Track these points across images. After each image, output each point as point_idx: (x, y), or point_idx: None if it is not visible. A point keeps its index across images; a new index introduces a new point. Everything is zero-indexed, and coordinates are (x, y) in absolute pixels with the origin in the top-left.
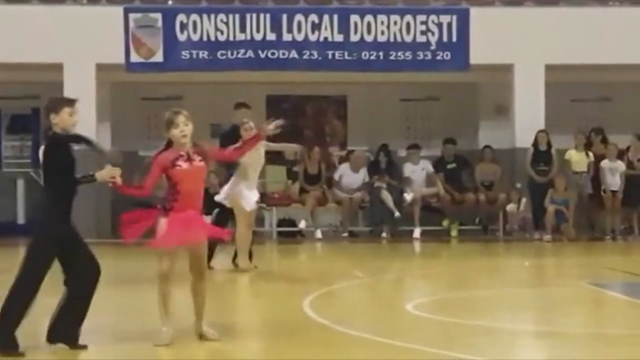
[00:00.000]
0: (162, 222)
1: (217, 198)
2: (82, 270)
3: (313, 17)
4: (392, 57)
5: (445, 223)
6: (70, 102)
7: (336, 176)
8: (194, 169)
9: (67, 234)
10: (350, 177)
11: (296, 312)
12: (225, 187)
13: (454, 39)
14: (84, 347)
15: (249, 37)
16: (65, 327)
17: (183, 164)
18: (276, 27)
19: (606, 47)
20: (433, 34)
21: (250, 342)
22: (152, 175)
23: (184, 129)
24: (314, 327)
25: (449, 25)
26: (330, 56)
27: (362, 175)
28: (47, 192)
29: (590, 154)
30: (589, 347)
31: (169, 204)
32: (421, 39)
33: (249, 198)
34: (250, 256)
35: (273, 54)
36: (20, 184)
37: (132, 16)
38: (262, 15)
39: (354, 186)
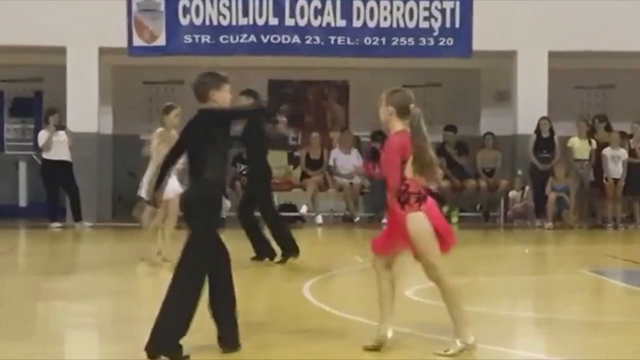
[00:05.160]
0: (423, 218)
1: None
2: None
3: (316, 3)
4: (394, 43)
5: (445, 209)
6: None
7: (330, 161)
8: None
9: None
10: (342, 159)
11: (296, 297)
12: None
13: (457, 25)
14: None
15: (251, 22)
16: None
17: None
18: (279, 12)
19: (610, 34)
20: (436, 19)
21: (249, 326)
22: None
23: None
24: (313, 312)
25: (452, 11)
26: (332, 41)
27: (355, 156)
28: None
29: (593, 141)
30: (588, 335)
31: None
32: (424, 24)
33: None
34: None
35: (275, 38)
36: (22, 166)
37: (135, 0)
38: (264, 0)
39: (347, 169)
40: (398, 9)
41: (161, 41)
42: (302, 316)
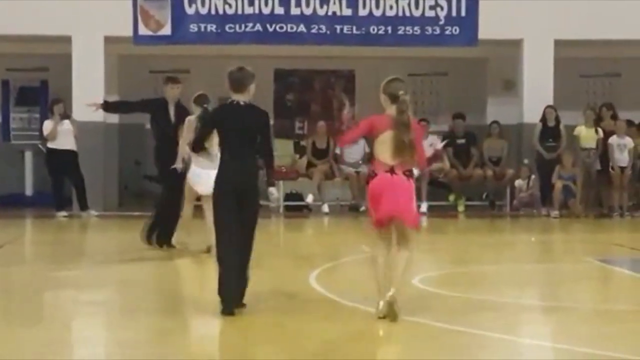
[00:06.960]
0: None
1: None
2: None
3: None
4: (400, 32)
5: (451, 198)
6: None
7: (337, 150)
8: None
9: None
10: (349, 148)
11: (302, 286)
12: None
13: (463, 13)
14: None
15: (257, 11)
16: None
17: None
18: (285, 1)
19: (616, 23)
20: (442, 8)
21: (256, 315)
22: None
23: None
24: (320, 301)
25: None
26: (338, 30)
27: (362, 145)
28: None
29: (600, 130)
30: (595, 323)
31: None
32: (430, 13)
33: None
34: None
35: (281, 27)
36: (28, 156)
37: None
38: None
39: (355, 158)
40: None
41: (167, 30)
42: (309, 305)
